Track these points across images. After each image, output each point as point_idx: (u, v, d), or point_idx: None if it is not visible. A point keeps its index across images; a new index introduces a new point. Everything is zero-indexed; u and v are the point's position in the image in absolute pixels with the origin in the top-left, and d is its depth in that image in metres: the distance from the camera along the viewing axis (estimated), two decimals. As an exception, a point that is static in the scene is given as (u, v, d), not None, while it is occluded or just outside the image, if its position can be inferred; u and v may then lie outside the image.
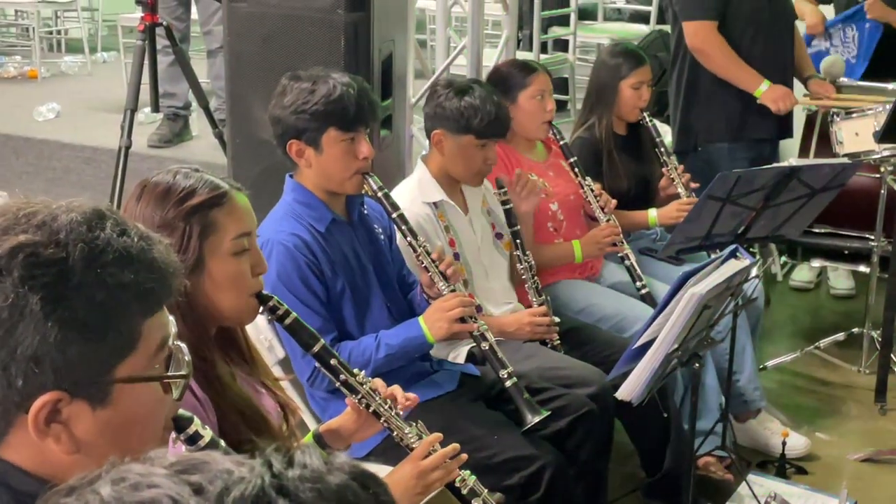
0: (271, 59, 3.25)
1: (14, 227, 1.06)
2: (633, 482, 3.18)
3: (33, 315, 1.02)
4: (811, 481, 3.25)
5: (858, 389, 3.91)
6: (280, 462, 0.72)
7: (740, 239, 3.11)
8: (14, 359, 1.03)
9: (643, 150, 3.65)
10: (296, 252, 2.38)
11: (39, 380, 1.04)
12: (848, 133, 3.86)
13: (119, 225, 1.10)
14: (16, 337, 1.02)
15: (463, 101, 2.88)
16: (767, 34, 3.94)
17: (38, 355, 1.03)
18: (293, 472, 0.72)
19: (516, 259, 3.03)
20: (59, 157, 5.48)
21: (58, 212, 1.08)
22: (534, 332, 2.88)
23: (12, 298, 1.02)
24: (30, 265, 1.03)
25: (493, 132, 2.89)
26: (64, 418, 1.06)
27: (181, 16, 5.20)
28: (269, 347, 2.55)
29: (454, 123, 2.88)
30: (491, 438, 2.46)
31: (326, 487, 0.72)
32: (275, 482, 0.71)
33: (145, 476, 0.71)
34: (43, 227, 1.06)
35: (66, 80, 7.36)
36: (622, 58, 3.58)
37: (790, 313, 4.71)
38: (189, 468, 0.72)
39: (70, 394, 1.05)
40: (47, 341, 1.03)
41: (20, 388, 1.04)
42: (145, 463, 0.73)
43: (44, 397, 1.04)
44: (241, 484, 0.70)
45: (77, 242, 1.05)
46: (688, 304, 2.26)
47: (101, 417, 1.08)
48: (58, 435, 1.06)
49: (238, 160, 3.48)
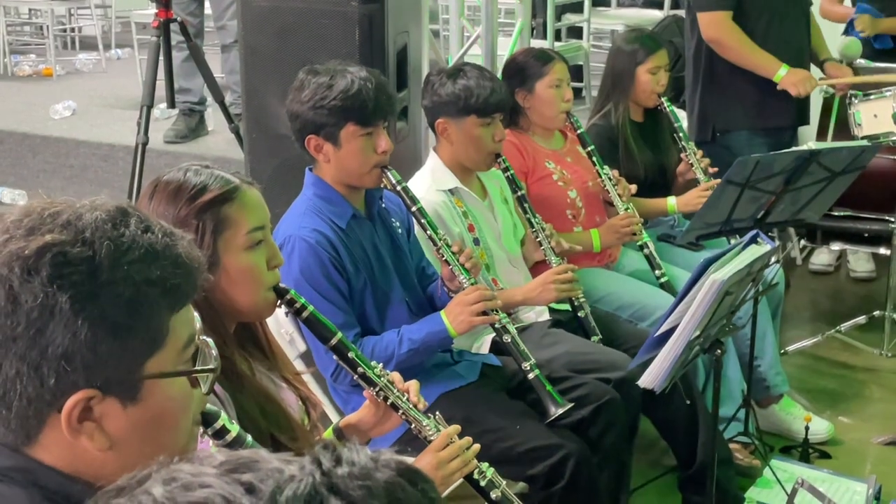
0: (286, 53, 3.25)
1: (40, 227, 1.06)
2: (658, 469, 3.18)
3: (63, 314, 1.03)
4: (835, 465, 3.24)
5: (881, 372, 3.89)
6: (329, 460, 0.72)
7: (760, 224, 3.10)
8: (46, 358, 1.04)
9: (660, 137, 3.64)
10: (318, 248, 2.38)
11: (71, 378, 1.05)
12: (866, 115, 3.84)
13: (143, 222, 1.10)
14: (46, 336, 1.03)
15: (457, 83, 2.87)
16: (782, 20, 3.91)
17: (69, 354, 1.04)
18: (342, 469, 0.71)
19: (526, 224, 3.01)
20: (75, 155, 5.50)
21: (82, 210, 1.08)
22: (559, 291, 2.84)
23: (42, 298, 1.03)
24: (58, 264, 1.03)
25: (493, 108, 2.88)
26: (96, 416, 1.07)
27: (195, 11, 5.21)
28: (290, 341, 2.56)
29: (453, 107, 2.88)
30: (513, 428, 2.47)
31: (375, 485, 0.71)
32: (325, 480, 0.70)
33: (196, 476, 0.71)
34: (68, 226, 1.06)
35: (80, 78, 7.38)
36: (638, 43, 3.57)
37: (810, 297, 4.69)
38: (239, 467, 0.72)
39: (101, 391, 1.06)
40: (78, 339, 1.03)
41: (52, 387, 1.04)
42: (194, 462, 0.73)
43: (76, 395, 1.05)
44: (293, 483, 0.70)
45: (103, 240, 1.06)
46: (709, 291, 2.25)
47: (133, 414, 1.08)
48: (90, 433, 1.07)
49: (254, 154, 3.48)
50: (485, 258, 2.92)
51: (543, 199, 3.20)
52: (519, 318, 2.99)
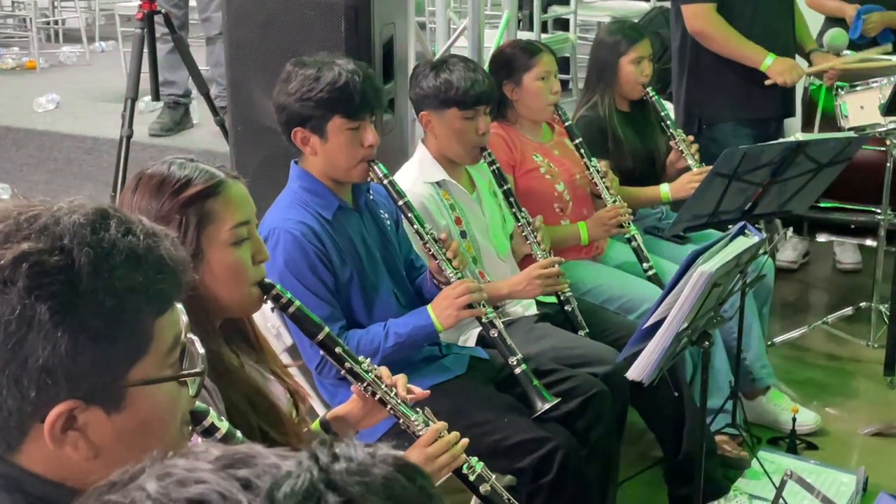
0: (271, 45, 3.23)
1: (16, 234, 1.03)
2: (645, 462, 3.18)
3: (42, 325, 1.00)
4: (822, 456, 3.25)
5: (867, 363, 3.91)
6: (326, 455, 0.71)
7: (747, 215, 3.09)
8: (26, 370, 1.01)
9: (648, 126, 3.63)
10: (304, 241, 2.37)
11: (53, 390, 1.02)
12: (853, 106, 3.84)
13: (124, 224, 1.07)
14: (26, 348, 1.00)
15: (440, 76, 2.86)
16: (766, 12, 3.91)
17: (50, 366, 1.01)
18: (339, 465, 0.70)
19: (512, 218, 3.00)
20: (59, 148, 5.47)
21: (60, 214, 1.05)
22: (544, 285, 2.84)
23: (20, 309, 1.00)
24: (35, 274, 1.00)
25: (475, 100, 2.86)
26: (80, 425, 1.04)
27: (179, 3, 5.17)
28: (277, 335, 2.54)
29: (435, 100, 2.87)
30: (501, 422, 2.46)
31: (373, 480, 0.71)
32: (323, 476, 0.69)
33: (191, 471, 0.69)
34: (46, 231, 1.03)
35: (64, 71, 7.34)
36: (620, 34, 3.57)
37: (797, 289, 4.70)
38: (235, 462, 0.70)
39: (84, 401, 1.03)
40: (58, 351, 1.00)
41: (33, 399, 1.02)
42: (189, 457, 0.71)
43: (58, 408, 1.02)
44: (290, 479, 0.69)
45: (82, 247, 1.02)
46: (697, 282, 2.25)
47: (118, 422, 1.06)
48: (75, 442, 1.04)
49: (240, 147, 3.46)
50: (472, 251, 2.91)
51: (531, 192, 3.19)
52: (506, 312, 2.99)
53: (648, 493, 3.10)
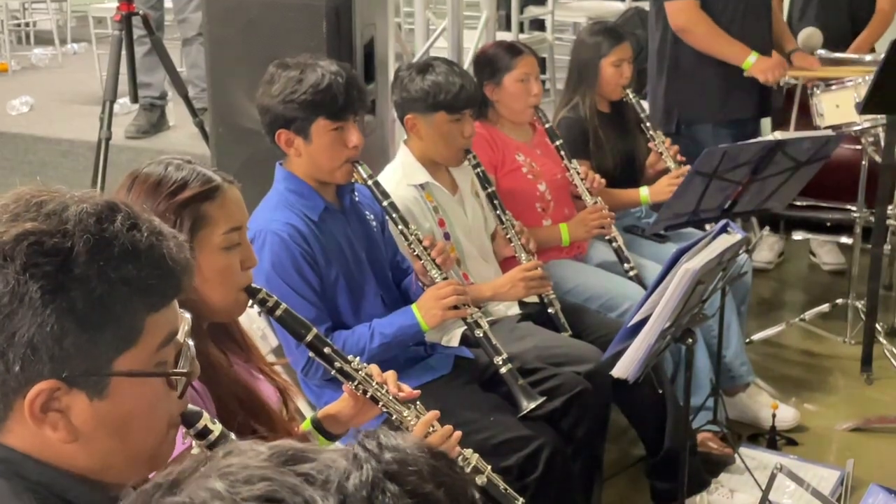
0: (252, 46, 3.22)
1: (23, 215, 1.06)
2: (628, 459, 3.20)
3: (32, 303, 1.03)
4: (801, 452, 3.29)
5: (844, 360, 3.94)
6: (375, 447, 0.72)
7: (727, 214, 3.12)
8: (12, 344, 1.03)
9: (628, 127, 3.65)
10: (290, 242, 2.37)
11: (36, 367, 1.04)
12: (829, 105, 3.88)
13: (130, 219, 1.09)
14: (14, 323, 1.03)
15: (426, 79, 2.86)
16: (745, 11, 3.94)
17: (35, 343, 1.03)
18: (388, 455, 0.72)
19: (496, 220, 3.01)
20: (34, 151, 5.42)
21: (69, 202, 1.08)
22: (528, 288, 2.85)
23: (13, 285, 1.03)
24: (33, 253, 1.03)
25: (463, 104, 2.87)
26: (62, 407, 1.06)
27: (155, 4, 5.16)
28: (263, 336, 2.54)
29: (422, 104, 2.87)
30: (487, 421, 2.47)
31: (421, 469, 0.72)
32: (380, 467, 0.71)
33: (251, 469, 0.70)
34: (52, 216, 1.06)
35: (37, 73, 7.28)
36: (601, 36, 3.58)
37: (775, 286, 4.74)
38: (290, 459, 0.71)
39: (67, 383, 1.06)
40: (44, 330, 1.03)
41: (17, 374, 1.04)
42: (239, 455, 0.72)
43: (40, 385, 1.05)
44: (354, 471, 0.70)
45: (83, 234, 1.05)
46: (682, 280, 2.27)
47: (99, 409, 1.08)
48: (55, 423, 1.07)
49: (221, 149, 3.45)
50: (455, 253, 2.92)
51: (513, 192, 3.20)
52: (489, 312, 3.00)
53: (632, 490, 3.12)
